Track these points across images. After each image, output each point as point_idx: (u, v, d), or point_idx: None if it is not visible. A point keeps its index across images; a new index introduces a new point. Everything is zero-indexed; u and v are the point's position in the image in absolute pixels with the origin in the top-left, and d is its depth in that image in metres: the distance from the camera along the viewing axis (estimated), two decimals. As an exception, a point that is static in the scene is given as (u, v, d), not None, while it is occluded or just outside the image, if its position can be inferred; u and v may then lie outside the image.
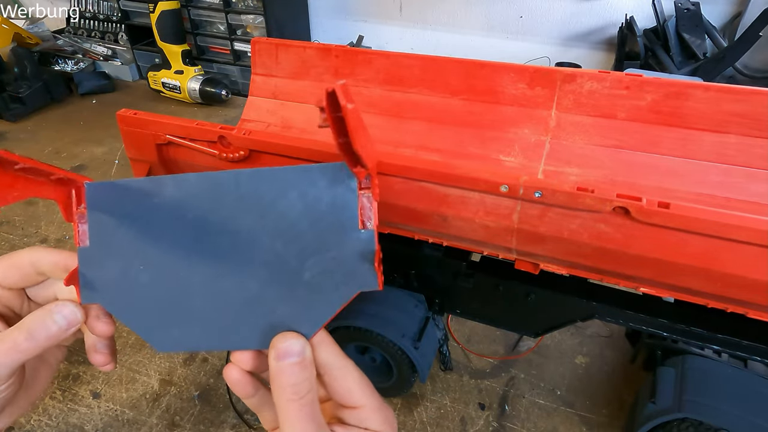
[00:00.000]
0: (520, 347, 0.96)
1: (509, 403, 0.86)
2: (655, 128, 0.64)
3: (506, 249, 0.57)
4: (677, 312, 0.61)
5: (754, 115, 0.59)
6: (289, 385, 0.28)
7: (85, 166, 1.56)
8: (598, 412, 0.85)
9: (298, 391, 0.28)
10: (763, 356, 0.58)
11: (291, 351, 0.29)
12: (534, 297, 0.66)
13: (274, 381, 0.29)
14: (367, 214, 0.31)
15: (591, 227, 0.48)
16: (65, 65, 2.09)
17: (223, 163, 0.61)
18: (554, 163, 0.67)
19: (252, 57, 0.84)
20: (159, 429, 0.82)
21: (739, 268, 0.44)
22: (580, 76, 0.66)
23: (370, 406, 0.31)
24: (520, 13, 1.83)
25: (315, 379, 0.30)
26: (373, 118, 0.77)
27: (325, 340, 0.32)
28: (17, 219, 1.32)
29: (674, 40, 1.51)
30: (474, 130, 0.72)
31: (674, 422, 0.63)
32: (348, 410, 0.32)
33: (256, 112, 0.84)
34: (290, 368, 0.29)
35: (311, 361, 0.30)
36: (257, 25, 1.85)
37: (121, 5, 2.00)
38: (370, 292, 0.34)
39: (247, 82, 1.77)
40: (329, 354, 0.32)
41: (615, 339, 0.97)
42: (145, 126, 0.63)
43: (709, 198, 0.61)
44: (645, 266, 0.49)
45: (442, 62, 0.72)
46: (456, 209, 0.53)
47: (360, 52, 0.77)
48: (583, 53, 1.82)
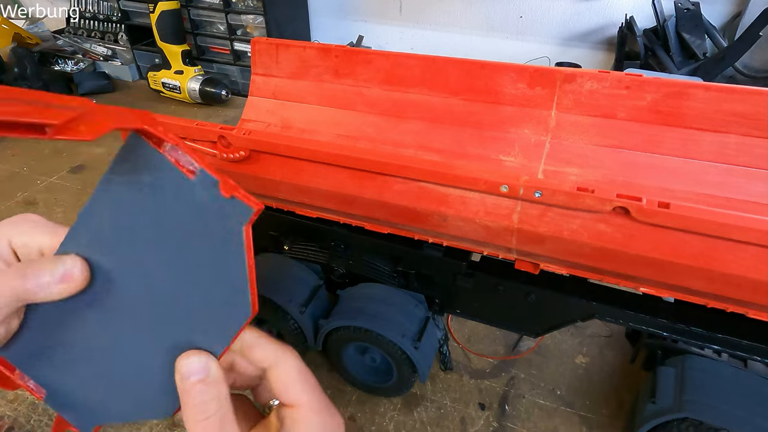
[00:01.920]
0: (520, 347, 0.96)
1: (509, 403, 0.86)
2: (655, 128, 0.64)
3: (506, 249, 0.57)
4: (677, 312, 0.61)
5: (754, 115, 0.59)
6: (194, 405, 0.27)
7: (85, 166, 1.56)
8: (598, 412, 0.85)
9: (204, 411, 0.27)
10: (763, 356, 0.58)
11: (191, 369, 0.27)
12: (534, 297, 0.66)
13: (181, 402, 0.27)
14: (185, 160, 0.26)
15: (591, 227, 0.48)
16: (65, 65, 2.09)
17: (223, 163, 0.61)
18: (554, 163, 0.67)
19: (252, 57, 0.84)
20: (159, 429, 0.82)
21: (739, 268, 0.44)
22: (580, 76, 0.66)
23: (308, 406, 0.28)
24: (520, 13, 1.83)
25: (226, 395, 0.28)
26: (373, 118, 0.77)
27: (257, 341, 0.29)
28: (17, 219, 1.32)
29: (674, 40, 1.51)
30: (474, 130, 0.72)
31: (674, 422, 0.63)
32: (286, 410, 0.29)
33: (256, 112, 0.84)
34: (193, 387, 0.27)
35: (217, 378, 0.27)
36: (257, 25, 1.85)
37: (121, 5, 2.00)
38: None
39: (247, 82, 1.77)
40: (264, 351, 0.29)
41: (615, 339, 0.97)
42: (145, 126, 0.63)
43: (709, 198, 0.61)
44: (645, 266, 0.49)
45: (442, 62, 0.72)
46: (456, 209, 0.53)
47: (360, 52, 0.77)
48: (583, 53, 1.82)
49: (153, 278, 0.27)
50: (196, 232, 0.26)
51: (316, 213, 0.68)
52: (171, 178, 0.26)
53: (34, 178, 1.50)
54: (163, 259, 0.27)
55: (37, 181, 1.48)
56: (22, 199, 1.40)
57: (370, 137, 0.76)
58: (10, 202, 1.39)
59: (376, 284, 0.77)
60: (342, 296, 0.80)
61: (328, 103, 0.80)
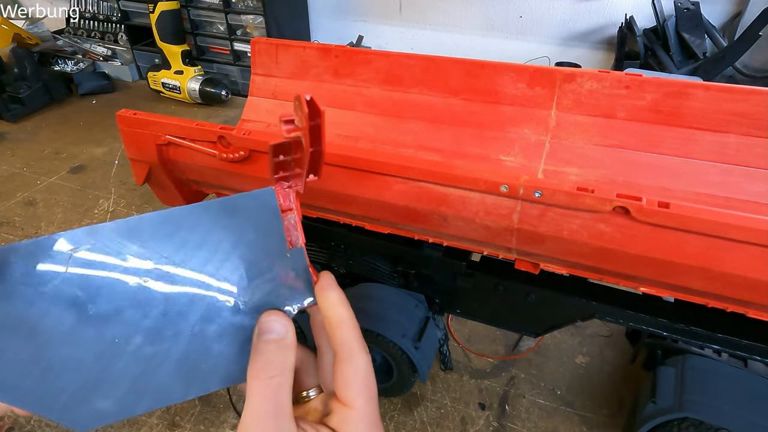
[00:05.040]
0: (520, 347, 0.96)
1: (509, 402, 0.86)
2: (655, 128, 0.64)
3: (506, 249, 0.57)
4: (677, 311, 0.61)
5: (754, 115, 0.59)
6: (260, 361, 0.28)
7: (85, 166, 1.56)
8: (598, 411, 0.85)
9: (267, 370, 0.27)
10: (763, 356, 0.59)
11: (270, 328, 0.29)
12: (534, 297, 0.66)
13: (251, 356, 0.28)
14: (294, 234, 0.31)
15: (591, 227, 0.48)
16: (65, 65, 2.09)
17: (223, 163, 0.61)
18: (554, 162, 0.67)
19: (252, 57, 0.84)
20: (159, 429, 0.82)
21: (739, 267, 0.44)
22: (580, 75, 0.66)
23: (362, 412, 0.28)
24: (520, 13, 1.83)
25: (291, 364, 0.28)
26: (373, 118, 0.77)
27: (347, 323, 0.30)
28: (17, 219, 1.32)
29: (674, 40, 1.51)
30: (474, 130, 0.72)
31: (674, 422, 0.63)
32: (337, 405, 0.29)
33: (256, 112, 0.84)
34: (265, 345, 0.28)
35: (290, 345, 0.28)
36: (257, 25, 1.85)
37: (121, 5, 2.00)
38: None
39: (247, 82, 1.77)
40: (346, 335, 0.29)
41: (615, 339, 0.97)
42: (145, 126, 0.63)
43: (709, 198, 0.61)
44: (645, 266, 0.49)
45: (442, 62, 0.72)
46: (456, 209, 0.53)
47: (360, 52, 0.77)
48: (583, 53, 1.82)
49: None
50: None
51: (316, 213, 0.68)
52: (273, 235, 0.31)
53: (34, 178, 1.50)
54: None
55: (37, 181, 1.48)
56: (22, 199, 1.40)
57: (370, 137, 0.76)
58: (10, 202, 1.39)
59: (376, 284, 0.77)
60: (342, 296, 0.80)
61: (328, 103, 0.80)
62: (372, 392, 0.29)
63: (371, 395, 0.29)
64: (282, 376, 0.27)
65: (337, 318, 0.30)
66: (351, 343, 0.29)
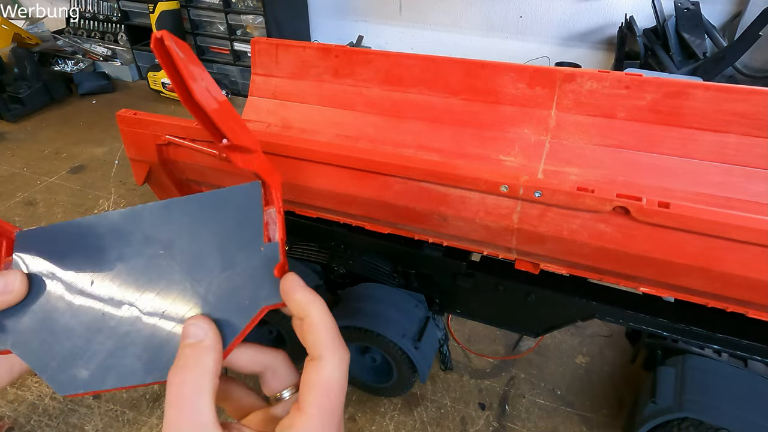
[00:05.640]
0: (520, 347, 0.96)
1: (509, 402, 0.86)
2: (655, 128, 0.64)
3: (506, 249, 0.57)
4: (677, 311, 0.61)
5: (754, 115, 0.59)
6: (174, 366, 0.27)
7: (85, 166, 1.56)
8: (598, 411, 0.85)
9: (179, 374, 0.26)
10: (763, 356, 0.59)
11: (187, 332, 0.28)
12: (534, 297, 0.66)
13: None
14: (272, 228, 0.32)
15: (591, 227, 0.48)
16: (65, 65, 2.09)
17: (223, 163, 0.61)
18: (554, 162, 0.67)
19: (252, 57, 0.84)
20: (159, 429, 0.82)
21: (739, 267, 0.44)
22: (580, 75, 0.66)
23: (311, 420, 0.27)
24: (520, 13, 1.83)
25: (209, 369, 0.27)
26: (373, 118, 0.77)
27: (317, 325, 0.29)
28: (17, 220, 1.32)
29: (674, 40, 1.51)
30: (474, 130, 0.71)
31: (674, 422, 0.63)
32: (294, 408, 0.28)
33: (256, 112, 0.84)
34: (181, 350, 0.28)
35: (208, 348, 0.28)
36: (257, 25, 1.85)
37: (120, 5, 2.00)
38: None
39: (247, 82, 1.77)
40: (316, 340, 0.29)
41: (615, 339, 0.97)
42: (145, 126, 0.63)
43: (709, 198, 0.61)
44: (645, 266, 0.49)
45: (442, 62, 0.72)
46: (456, 209, 0.53)
47: (360, 52, 0.77)
48: (583, 53, 1.82)
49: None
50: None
51: (316, 213, 0.68)
52: (251, 229, 0.32)
53: (34, 178, 1.50)
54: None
55: (37, 181, 1.48)
56: (22, 199, 1.40)
57: (370, 137, 0.76)
58: (10, 202, 1.39)
59: (376, 284, 0.77)
60: (342, 296, 0.80)
61: (328, 103, 0.79)
62: (332, 401, 0.28)
63: (330, 405, 0.27)
64: (196, 381, 0.26)
65: (309, 320, 0.29)
66: (320, 346, 0.28)
